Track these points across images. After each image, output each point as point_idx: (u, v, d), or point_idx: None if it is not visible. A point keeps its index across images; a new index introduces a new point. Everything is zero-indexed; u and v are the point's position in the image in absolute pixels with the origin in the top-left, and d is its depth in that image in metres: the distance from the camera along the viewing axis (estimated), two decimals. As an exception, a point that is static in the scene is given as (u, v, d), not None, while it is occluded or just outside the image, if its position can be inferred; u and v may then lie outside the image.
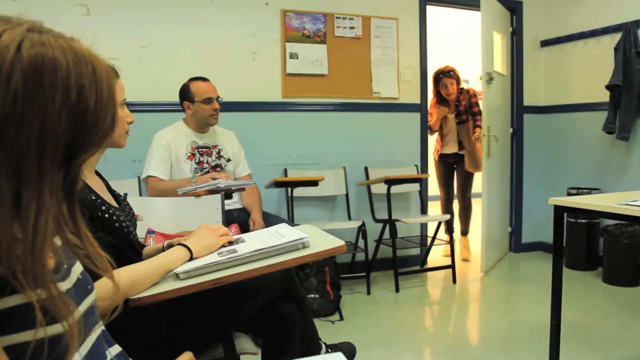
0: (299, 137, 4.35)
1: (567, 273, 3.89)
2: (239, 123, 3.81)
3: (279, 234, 1.59)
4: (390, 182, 4.09)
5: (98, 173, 1.63)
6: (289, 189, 4.03)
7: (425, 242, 4.80)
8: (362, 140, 4.54)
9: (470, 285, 4.32)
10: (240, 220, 3.24)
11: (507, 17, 5.08)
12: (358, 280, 4.22)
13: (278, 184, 3.88)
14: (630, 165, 4.42)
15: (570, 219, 4.55)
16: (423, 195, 4.73)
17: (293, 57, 4.27)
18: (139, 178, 3.51)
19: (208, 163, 3.29)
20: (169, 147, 3.21)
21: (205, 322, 1.64)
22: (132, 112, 1.65)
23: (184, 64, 3.87)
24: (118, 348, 1.00)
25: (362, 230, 4.13)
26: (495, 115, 4.70)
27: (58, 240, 0.84)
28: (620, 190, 3.87)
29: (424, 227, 4.92)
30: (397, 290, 4.11)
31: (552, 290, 2.49)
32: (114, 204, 1.57)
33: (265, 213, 3.44)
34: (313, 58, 4.33)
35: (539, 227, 5.23)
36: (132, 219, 1.66)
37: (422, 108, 4.75)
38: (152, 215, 2.55)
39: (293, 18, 4.26)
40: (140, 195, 3.51)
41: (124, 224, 1.53)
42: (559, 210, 2.48)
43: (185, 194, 2.79)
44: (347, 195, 4.46)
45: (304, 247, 1.51)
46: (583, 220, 4.52)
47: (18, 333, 0.73)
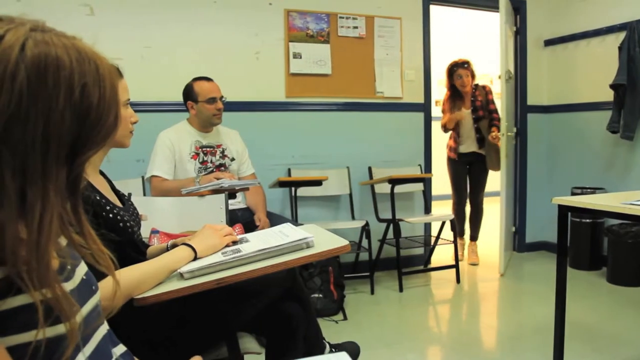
0: (303, 136, 4.35)
1: (571, 273, 3.87)
2: (243, 123, 3.81)
3: (283, 234, 1.59)
4: (394, 181, 4.09)
5: (102, 173, 1.63)
6: (293, 189, 4.03)
7: (429, 241, 4.79)
8: (365, 140, 4.54)
9: (474, 285, 4.31)
10: (244, 220, 3.24)
11: (511, 16, 5.07)
12: (362, 280, 4.22)
13: (282, 184, 3.88)
14: (635, 165, 4.40)
15: (575, 219, 4.53)
16: (427, 195, 4.73)
17: (296, 56, 4.27)
18: (143, 178, 3.52)
19: (212, 162, 3.29)
20: (173, 146, 3.22)
21: (209, 321, 1.64)
22: (135, 112, 1.66)
23: (188, 64, 3.87)
24: (123, 348, 1.00)
25: (365, 230, 4.12)
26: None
27: (62, 241, 0.85)
28: (625, 190, 3.86)
29: (428, 226, 4.91)
30: (400, 290, 4.10)
31: (556, 290, 2.49)
32: (118, 204, 1.57)
33: (269, 213, 3.44)
34: (316, 58, 4.33)
35: (543, 226, 5.22)
36: (136, 219, 1.66)
37: (425, 108, 4.74)
38: (156, 215, 2.56)
39: (296, 18, 4.26)
40: (144, 195, 3.51)
41: (128, 224, 1.53)
42: (563, 210, 2.47)
43: (189, 194, 2.79)
44: (350, 195, 4.45)
45: (308, 246, 1.51)
46: (587, 220, 4.51)
47: (22, 333, 0.73)
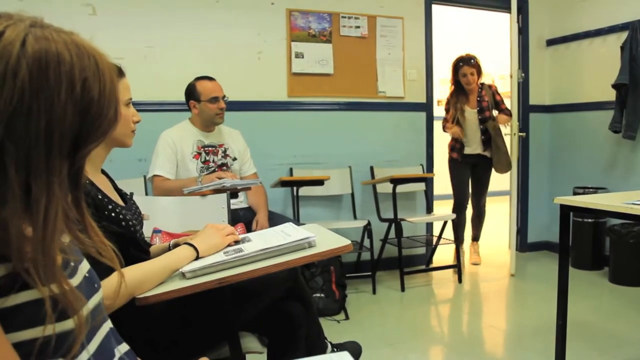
0: (305, 136, 4.36)
1: (573, 273, 3.88)
2: (245, 122, 3.82)
3: (285, 234, 1.59)
4: (396, 181, 4.09)
5: (104, 172, 1.63)
6: (295, 189, 4.03)
7: (431, 241, 4.79)
8: (367, 140, 4.54)
9: (476, 285, 4.31)
10: (246, 220, 3.24)
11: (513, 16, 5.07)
12: (363, 280, 4.22)
13: (284, 184, 3.88)
14: (637, 165, 4.39)
15: (577, 219, 4.53)
16: (429, 195, 4.73)
17: (299, 56, 4.27)
18: (145, 177, 3.52)
19: (214, 162, 3.30)
20: (175, 146, 3.22)
21: (211, 321, 1.64)
22: (138, 111, 1.65)
23: (190, 64, 3.87)
24: (126, 346, 1.01)
25: (367, 230, 4.13)
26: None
27: (65, 238, 0.85)
28: (627, 190, 3.85)
29: (430, 226, 4.92)
30: (402, 290, 4.10)
31: (558, 290, 2.49)
32: (121, 203, 1.58)
33: (271, 212, 3.44)
34: (319, 57, 4.33)
35: (545, 226, 5.22)
36: (138, 218, 1.67)
37: (427, 107, 4.74)
38: (158, 215, 2.56)
39: (299, 17, 4.26)
40: (146, 195, 3.52)
41: (131, 223, 1.54)
42: (565, 210, 2.47)
43: (191, 193, 2.79)
44: (352, 195, 4.45)
45: (310, 246, 1.51)
46: (589, 220, 4.50)
47: (27, 330, 0.73)
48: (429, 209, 4.74)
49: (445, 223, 4.48)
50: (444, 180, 5.16)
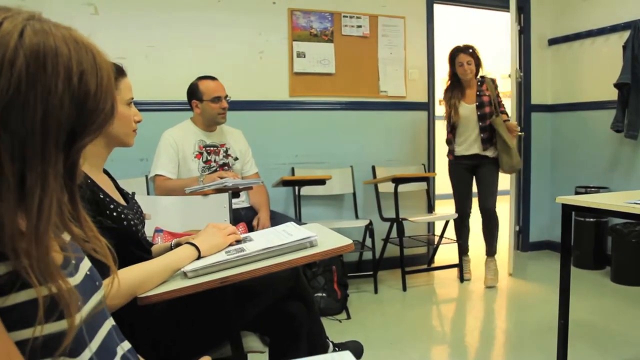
0: (306, 136, 4.36)
1: (575, 272, 3.88)
2: (246, 122, 3.82)
3: (287, 233, 1.59)
4: (398, 180, 4.09)
5: (106, 171, 1.63)
6: (297, 188, 4.04)
7: (433, 241, 4.79)
8: (369, 139, 4.54)
9: (478, 285, 4.30)
10: (248, 219, 3.25)
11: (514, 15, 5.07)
12: (365, 279, 4.22)
13: (285, 183, 3.88)
14: (639, 164, 4.39)
15: (579, 218, 4.52)
16: (430, 194, 4.73)
17: (300, 56, 4.27)
18: (147, 177, 3.53)
19: (215, 162, 3.30)
20: (177, 145, 3.22)
21: (213, 320, 1.64)
22: (139, 111, 1.65)
23: (191, 63, 3.87)
24: (128, 344, 1.01)
25: (369, 229, 4.13)
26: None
27: (66, 236, 0.85)
28: (629, 189, 3.85)
29: (431, 225, 4.91)
30: (404, 289, 4.10)
31: (560, 290, 2.49)
32: (122, 203, 1.58)
33: (273, 212, 3.44)
34: (320, 57, 4.33)
35: (547, 226, 5.22)
36: (140, 217, 1.67)
37: (429, 107, 4.74)
38: (159, 214, 2.56)
39: (300, 17, 4.26)
40: (148, 194, 3.52)
41: (132, 222, 1.54)
42: (567, 209, 2.47)
43: (193, 193, 2.79)
44: (354, 194, 4.45)
45: (312, 245, 1.51)
46: (591, 219, 4.50)
47: (28, 329, 0.73)
48: (431, 209, 4.74)
49: (447, 222, 4.47)
50: (446, 180, 5.16)
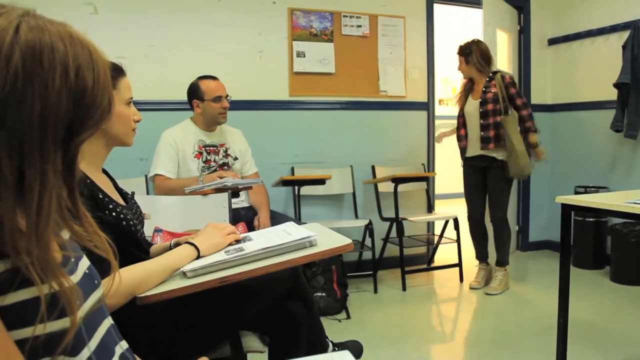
0: (306, 135, 4.36)
1: (574, 272, 3.88)
2: (246, 122, 3.82)
3: (286, 233, 1.59)
4: (397, 180, 4.09)
5: (105, 171, 1.63)
6: (296, 188, 4.04)
7: (432, 240, 4.79)
8: (369, 139, 4.54)
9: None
10: (248, 219, 3.25)
11: (514, 15, 5.06)
12: (365, 279, 4.22)
13: (285, 183, 3.88)
14: (638, 164, 4.39)
15: (578, 218, 4.52)
16: (430, 194, 4.73)
17: (300, 55, 4.27)
18: (146, 176, 3.53)
19: (215, 162, 3.30)
20: (177, 145, 3.22)
21: (212, 320, 1.64)
22: (139, 110, 1.65)
23: (191, 63, 3.87)
24: (126, 344, 1.01)
25: (369, 229, 4.12)
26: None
27: (65, 235, 0.85)
28: (628, 189, 3.85)
29: (431, 225, 4.91)
30: (404, 289, 4.10)
31: (559, 289, 2.49)
32: (122, 202, 1.58)
33: (272, 211, 3.44)
34: (320, 56, 4.33)
35: (547, 225, 5.22)
36: (139, 217, 1.67)
37: (429, 106, 4.74)
38: (159, 214, 2.56)
39: (300, 16, 4.26)
40: (148, 194, 3.52)
41: (131, 222, 1.54)
42: (567, 209, 2.47)
43: (193, 193, 2.79)
44: (354, 194, 4.45)
45: (311, 245, 1.51)
46: (591, 219, 4.50)
47: (29, 327, 0.73)
48: (430, 208, 4.74)
49: (447, 222, 4.47)
50: (445, 180, 5.17)
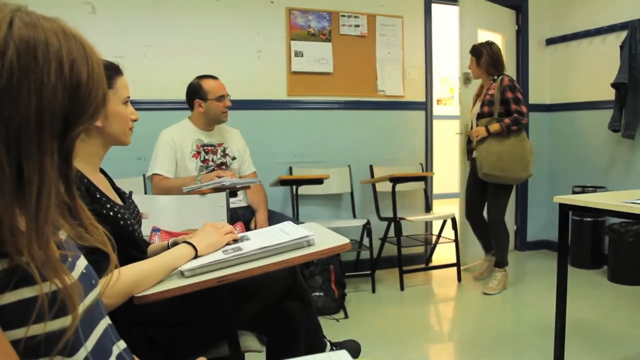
0: (304, 135, 4.36)
1: (572, 271, 3.87)
2: (244, 121, 3.82)
3: (284, 232, 1.59)
4: (395, 180, 4.09)
5: (103, 171, 1.63)
6: (294, 187, 4.03)
7: (430, 240, 4.79)
8: (367, 139, 4.54)
9: (476, 284, 4.30)
10: (245, 218, 3.25)
11: (511, 15, 5.08)
12: (363, 279, 4.22)
13: (283, 182, 3.88)
14: (636, 164, 4.40)
15: (576, 217, 4.53)
16: (428, 194, 4.73)
17: (298, 55, 4.27)
18: (144, 176, 3.52)
19: (213, 161, 3.30)
20: (175, 145, 3.22)
21: (210, 320, 1.64)
22: (137, 110, 1.65)
23: (189, 63, 3.87)
24: (124, 344, 1.01)
25: (367, 229, 4.12)
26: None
27: (63, 234, 0.85)
28: (626, 189, 3.85)
29: (429, 225, 4.91)
30: (402, 289, 4.10)
31: (557, 289, 2.49)
32: (119, 202, 1.57)
33: (270, 211, 3.45)
34: (318, 56, 4.33)
35: (544, 225, 5.22)
36: (137, 217, 1.66)
37: (427, 106, 4.74)
38: (157, 213, 2.56)
39: (298, 16, 4.26)
40: (146, 193, 3.52)
41: (129, 222, 1.53)
42: (564, 209, 2.47)
43: (191, 192, 2.79)
44: (352, 194, 4.45)
45: (309, 245, 1.51)
46: (588, 219, 4.51)
47: (25, 327, 0.73)
48: (428, 208, 4.74)
49: (445, 222, 4.48)
50: (444, 179, 5.17)
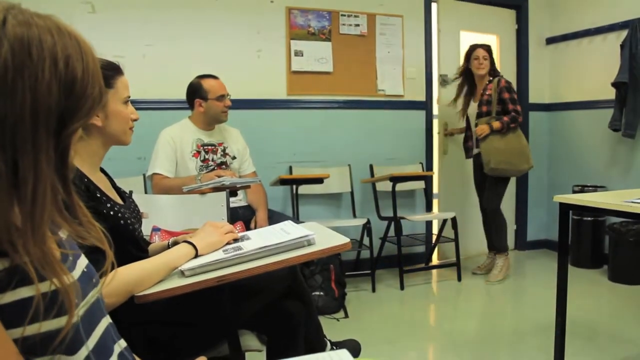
0: (304, 134, 4.35)
1: (572, 271, 3.87)
2: (244, 121, 3.82)
3: (284, 232, 1.59)
4: (395, 179, 4.09)
5: (103, 170, 1.62)
6: (294, 187, 4.03)
7: (430, 239, 4.79)
8: (367, 138, 4.54)
9: (475, 283, 4.31)
10: (245, 218, 3.25)
11: (511, 15, 5.08)
12: (363, 278, 4.22)
13: (283, 182, 3.88)
14: (636, 163, 4.39)
15: (576, 217, 4.53)
16: (428, 193, 4.73)
17: (298, 54, 4.27)
18: (144, 175, 3.52)
19: (213, 161, 3.29)
20: (175, 144, 3.22)
21: (211, 319, 1.64)
22: (137, 109, 1.65)
23: (189, 62, 3.86)
24: (124, 343, 1.01)
25: (367, 228, 4.12)
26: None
27: (63, 233, 0.85)
28: (626, 188, 3.84)
29: (429, 224, 4.91)
30: (402, 288, 4.10)
31: (557, 288, 2.49)
32: (119, 201, 1.57)
33: (271, 211, 3.45)
34: (318, 55, 4.33)
35: (544, 224, 5.23)
36: (137, 216, 1.66)
37: (427, 105, 4.74)
38: (157, 213, 2.56)
39: (298, 15, 4.26)
40: (146, 193, 3.52)
41: (129, 221, 1.53)
42: (565, 208, 2.47)
43: (191, 192, 2.79)
44: (352, 193, 4.45)
45: (309, 244, 1.51)
46: (589, 218, 4.51)
47: (21, 327, 0.73)
48: (429, 207, 4.74)
49: (445, 221, 4.48)
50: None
